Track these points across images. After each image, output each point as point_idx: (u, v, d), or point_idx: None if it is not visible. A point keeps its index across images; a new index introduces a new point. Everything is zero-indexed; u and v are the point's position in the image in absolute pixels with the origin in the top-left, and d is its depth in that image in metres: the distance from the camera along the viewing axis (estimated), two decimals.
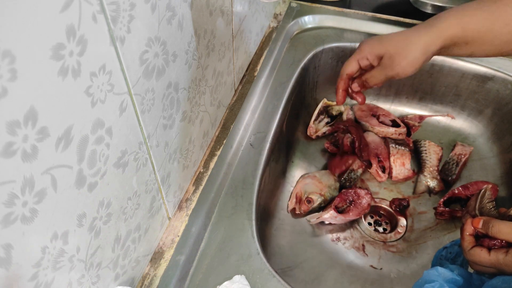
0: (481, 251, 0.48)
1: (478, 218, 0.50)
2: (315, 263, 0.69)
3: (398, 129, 0.85)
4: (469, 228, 0.50)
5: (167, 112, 0.48)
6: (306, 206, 0.73)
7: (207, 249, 0.56)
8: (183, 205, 0.60)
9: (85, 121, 0.34)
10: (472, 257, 0.48)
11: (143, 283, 0.52)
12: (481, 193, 0.54)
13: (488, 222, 0.48)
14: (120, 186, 0.42)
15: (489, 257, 0.47)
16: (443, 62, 0.83)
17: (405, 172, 0.80)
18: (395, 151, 0.81)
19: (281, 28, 0.87)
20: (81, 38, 0.31)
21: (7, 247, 0.29)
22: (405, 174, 0.80)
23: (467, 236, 0.50)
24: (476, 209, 0.53)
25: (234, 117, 0.71)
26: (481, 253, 0.48)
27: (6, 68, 0.25)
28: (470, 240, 0.50)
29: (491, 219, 0.49)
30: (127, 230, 0.45)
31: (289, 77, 0.79)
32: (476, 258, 0.48)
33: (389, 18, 0.89)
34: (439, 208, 0.74)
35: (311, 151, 0.86)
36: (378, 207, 0.78)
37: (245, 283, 0.51)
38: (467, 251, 0.49)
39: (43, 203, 0.31)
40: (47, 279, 0.34)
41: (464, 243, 0.50)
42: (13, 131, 0.27)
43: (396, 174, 0.80)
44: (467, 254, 0.50)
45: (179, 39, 0.46)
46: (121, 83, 0.37)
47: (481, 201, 0.53)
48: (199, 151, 0.63)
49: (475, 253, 0.48)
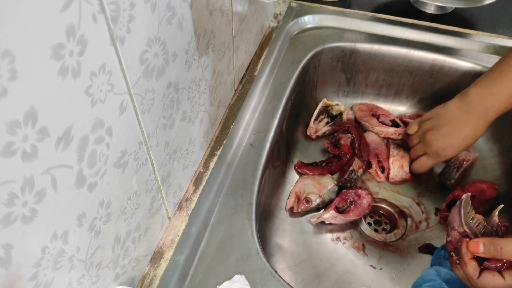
0: (493, 276, 0.41)
1: (476, 242, 0.43)
2: (315, 263, 0.69)
3: (398, 129, 0.85)
4: (468, 253, 0.44)
5: (167, 112, 0.48)
6: (304, 206, 0.73)
7: (207, 249, 0.56)
8: (183, 205, 0.60)
9: (85, 121, 0.34)
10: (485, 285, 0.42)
11: (143, 283, 0.52)
12: (462, 204, 0.48)
13: (492, 244, 0.42)
14: (120, 186, 0.42)
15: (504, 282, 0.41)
16: (443, 62, 0.83)
17: (402, 175, 0.80)
18: (395, 153, 0.81)
19: (281, 28, 0.87)
20: (81, 38, 0.31)
21: (7, 247, 0.29)
22: (403, 176, 0.80)
23: (469, 261, 0.43)
24: (463, 225, 0.46)
25: (234, 117, 0.71)
26: (494, 279, 0.41)
27: (6, 68, 0.25)
28: (475, 265, 0.43)
29: (494, 239, 0.42)
30: (127, 230, 0.45)
31: (289, 77, 0.79)
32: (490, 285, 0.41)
33: (389, 18, 0.89)
34: (443, 213, 0.73)
35: (311, 151, 0.86)
36: (378, 207, 0.78)
37: (245, 283, 0.51)
38: (475, 280, 0.42)
39: (43, 203, 0.31)
40: (47, 279, 0.34)
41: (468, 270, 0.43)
42: (13, 131, 0.27)
43: (393, 176, 0.80)
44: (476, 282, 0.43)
45: (179, 39, 0.46)
46: (121, 83, 0.37)
47: (465, 214, 0.47)
48: (199, 151, 0.63)
49: (487, 280, 0.42)
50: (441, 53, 0.83)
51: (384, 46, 0.85)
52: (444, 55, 0.83)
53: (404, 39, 0.86)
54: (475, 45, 0.84)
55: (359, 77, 0.91)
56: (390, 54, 0.85)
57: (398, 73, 0.88)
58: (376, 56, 0.86)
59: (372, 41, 0.86)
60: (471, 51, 0.84)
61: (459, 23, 0.88)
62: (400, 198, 0.78)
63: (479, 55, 0.83)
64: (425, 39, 0.86)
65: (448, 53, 0.83)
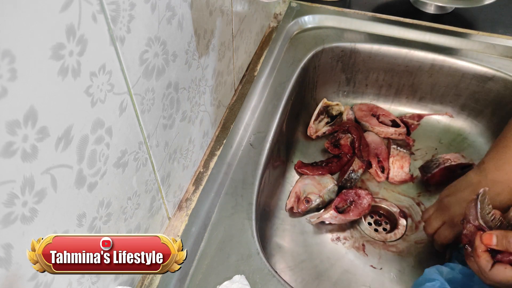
0: (505, 269, 0.42)
1: (489, 234, 0.44)
2: (315, 263, 0.69)
3: (398, 129, 0.85)
4: (482, 245, 0.45)
5: (167, 112, 0.48)
6: (304, 206, 0.73)
7: (207, 249, 0.56)
8: (183, 205, 0.60)
9: (85, 121, 0.34)
10: (497, 277, 0.43)
11: (143, 283, 0.52)
12: (479, 198, 0.49)
13: (505, 237, 0.43)
14: (120, 186, 0.42)
15: None
16: (443, 62, 0.83)
17: (402, 175, 0.80)
18: (396, 153, 0.81)
19: (281, 28, 0.87)
20: (81, 38, 0.31)
21: (7, 247, 0.29)
22: (402, 177, 0.80)
23: (482, 253, 0.45)
24: (479, 218, 0.47)
25: (234, 117, 0.71)
26: (506, 271, 0.42)
27: (6, 68, 0.25)
28: (487, 257, 0.44)
29: (507, 232, 0.43)
30: (127, 230, 0.45)
31: (289, 77, 0.79)
32: (501, 277, 0.43)
33: (389, 18, 0.89)
34: None
35: (311, 151, 0.86)
36: (378, 207, 0.78)
37: (245, 283, 0.51)
38: (487, 271, 0.44)
39: (43, 203, 0.31)
40: (47, 279, 0.34)
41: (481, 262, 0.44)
42: (13, 131, 0.27)
43: (393, 176, 0.80)
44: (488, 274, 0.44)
45: (179, 39, 0.46)
46: (121, 83, 0.37)
47: (482, 208, 0.48)
48: (199, 151, 0.63)
49: (499, 272, 0.43)
50: (441, 53, 0.83)
51: (384, 46, 0.85)
52: (444, 55, 0.83)
53: (404, 39, 0.86)
54: (475, 45, 0.84)
55: (359, 77, 0.91)
56: (390, 54, 0.85)
57: (398, 73, 0.88)
58: (376, 56, 0.86)
59: (372, 41, 0.86)
60: (471, 51, 0.84)
61: (459, 23, 0.88)
62: (400, 198, 0.78)
63: (479, 55, 0.83)
64: (425, 39, 0.86)
65: (448, 53, 0.83)
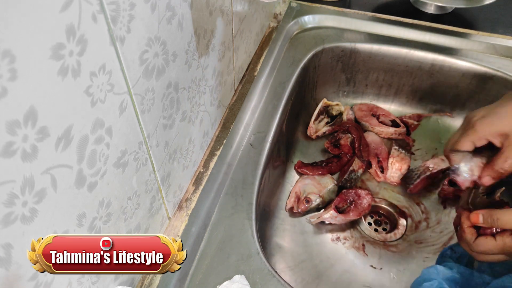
0: (486, 238, 0.46)
1: (476, 213, 0.48)
2: (315, 263, 0.69)
3: (398, 129, 0.85)
4: (468, 222, 0.49)
5: (167, 112, 0.48)
6: (304, 206, 0.73)
7: (207, 249, 0.56)
8: (183, 205, 0.60)
9: (85, 121, 0.34)
10: (479, 247, 0.47)
11: (143, 283, 0.52)
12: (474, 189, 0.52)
13: (490, 215, 0.47)
14: (120, 186, 0.42)
15: (496, 243, 0.45)
16: (443, 62, 0.83)
17: (399, 177, 0.79)
18: (396, 154, 0.81)
19: (281, 28, 0.87)
20: (81, 38, 0.31)
21: (7, 247, 0.29)
22: (399, 178, 0.80)
23: (467, 228, 0.49)
24: (469, 203, 0.51)
25: (234, 117, 0.71)
26: (487, 241, 0.46)
27: (6, 68, 0.25)
28: (472, 231, 0.48)
29: (491, 211, 0.47)
30: (127, 230, 0.45)
31: (289, 77, 0.79)
32: (482, 247, 0.46)
33: (389, 18, 0.89)
34: (444, 187, 0.75)
35: (311, 151, 0.86)
36: (378, 207, 0.78)
37: (245, 283, 0.51)
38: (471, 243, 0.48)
39: (43, 203, 0.31)
40: (47, 279, 0.34)
41: (466, 236, 0.49)
42: (13, 131, 0.27)
43: (390, 176, 0.79)
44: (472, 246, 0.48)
45: (179, 39, 0.46)
46: (121, 83, 0.37)
47: (475, 194, 0.52)
48: (199, 151, 0.63)
49: (481, 242, 0.47)
50: (441, 53, 0.83)
51: (384, 46, 0.85)
52: (444, 55, 0.83)
53: (404, 39, 0.86)
54: (475, 45, 0.84)
55: (359, 77, 0.91)
56: (390, 54, 0.85)
57: (398, 73, 0.88)
58: (376, 56, 0.86)
59: (372, 41, 0.86)
60: (471, 51, 0.84)
61: (459, 23, 0.88)
62: (400, 198, 0.78)
63: (479, 55, 0.83)
64: (425, 39, 0.86)
65: (448, 53, 0.83)
